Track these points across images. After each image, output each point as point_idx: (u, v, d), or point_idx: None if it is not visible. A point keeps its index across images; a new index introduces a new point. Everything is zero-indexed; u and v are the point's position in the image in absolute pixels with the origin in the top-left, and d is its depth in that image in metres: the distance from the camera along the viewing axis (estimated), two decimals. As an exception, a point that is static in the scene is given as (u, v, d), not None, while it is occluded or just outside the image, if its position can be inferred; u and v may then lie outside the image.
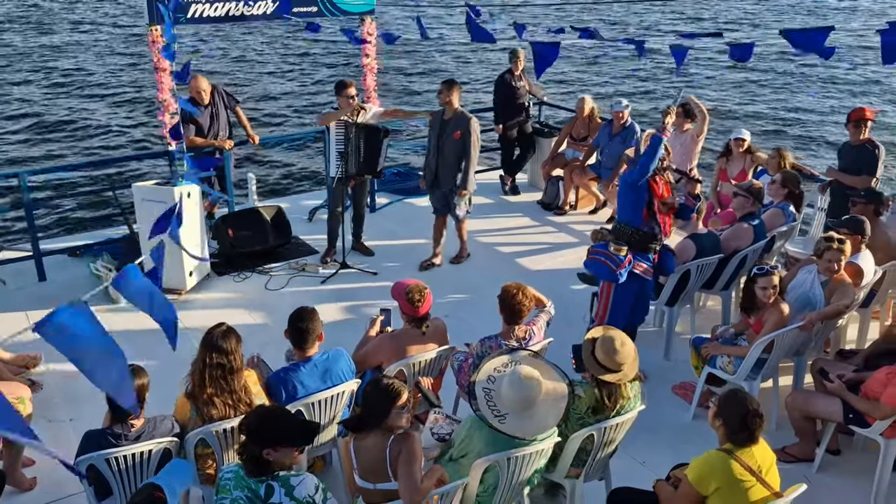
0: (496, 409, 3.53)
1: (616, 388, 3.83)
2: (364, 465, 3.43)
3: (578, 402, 3.84)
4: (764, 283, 4.86)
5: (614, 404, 3.83)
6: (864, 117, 6.35)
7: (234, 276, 7.10)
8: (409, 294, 4.33)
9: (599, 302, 5.38)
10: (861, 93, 18.90)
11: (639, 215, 5.11)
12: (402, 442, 3.38)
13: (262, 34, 25.41)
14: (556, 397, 3.60)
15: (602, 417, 3.84)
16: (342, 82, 7.05)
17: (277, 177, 13.40)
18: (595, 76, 21.00)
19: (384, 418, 3.40)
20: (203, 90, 7.44)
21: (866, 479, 4.46)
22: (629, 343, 3.88)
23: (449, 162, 6.94)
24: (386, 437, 3.40)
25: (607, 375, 3.80)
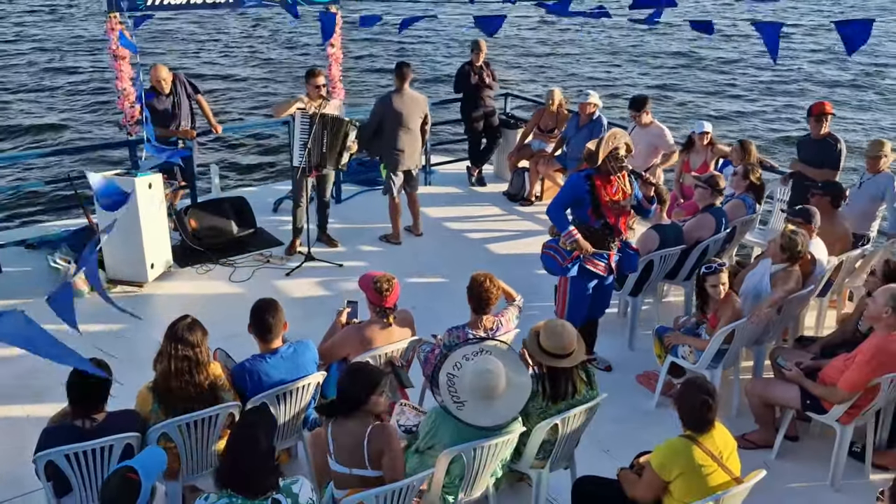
0: (456, 395, 3.56)
1: (569, 374, 3.86)
2: (341, 449, 3.43)
3: (536, 397, 3.87)
4: (713, 281, 4.96)
5: (572, 391, 3.87)
6: (825, 111, 6.48)
7: (197, 268, 7.00)
8: (376, 284, 4.32)
9: (558, 296, 5.43)
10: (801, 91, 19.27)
11: (584, 214, 5.13)
12: (381, 434, 3.41)
13: (225, 22, 25.03)
14: (518, 391, 3.63)
15: (564, 406, 3.87)
16: (312, 70, 7.00)
17: (241, 167, 13.24)
18: (567, 66, 21.09)
19: (363, 404, 3.40)
20: (164, 79, 7.31)
21: (823, 464, 4.57)
22: (569, 326, 3.95)
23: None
24: (364, 422, 3.42)
25: (559, 361, 3.84)
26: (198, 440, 3.78)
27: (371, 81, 18.81)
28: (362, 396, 3.41)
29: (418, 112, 7.25)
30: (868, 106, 17.90)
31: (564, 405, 3.88)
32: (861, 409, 4.38)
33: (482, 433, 3.54)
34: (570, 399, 3.88)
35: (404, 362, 4.53)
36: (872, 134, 14.89)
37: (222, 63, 20.48)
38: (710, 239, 5.95)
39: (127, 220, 6.29)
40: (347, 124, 6.80)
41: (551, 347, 3.85)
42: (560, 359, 3.84)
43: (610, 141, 5.03)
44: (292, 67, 19.75)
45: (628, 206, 5.22)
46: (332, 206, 7.71)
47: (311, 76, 6.91)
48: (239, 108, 16.71)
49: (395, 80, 7.28)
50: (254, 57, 21.27)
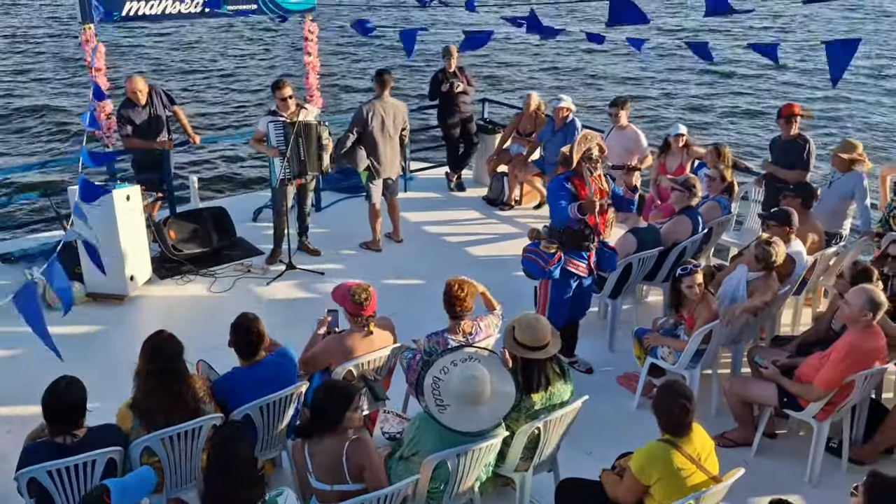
0: (440, 399, 3.61)
1: (542, 366, 3.92)
2: (320, 468, 3.44)
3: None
4: (689, 283, 5.04)
5: (545, 382, 3.93)
6: (794, 113, 6.59)
7: (178, 279, 6.97)
8: (353, 296, 4.33)
9: (538, 298, 5.48)
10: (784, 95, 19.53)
11: (565, 214, 5.19)
12: (359, 449, 3.43)
13: (202, 31, 24.89)
14: (502, 400, 3.68)
15: (539, 400, 3.91)
16: (277, 82, 6.97)
17: (220, 177, 13.18)
18: (547, 73, 21.20)
19: (339, 422, 3.42)
20: (139, 90, 7.28)
21: (801, 460, 4.66)
22: (543, 319, 4.02)
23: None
24: (342, 439, 3.43)
25: (533, 353, 3.90)
26: (181, 453, 3.78)
27: (350, 90, 18.81)
28: (338, 414, 3.43)
29: (398, 119, 7.28)
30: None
31: (539, 400, 3.93)
32: (837, 406, 4.47)
33: (464, 438, 3.57)
34: (543, 391, 3.93)
35: (386, 371, 4.55)
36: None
37: (198, 73, 20.36)
38: (688, 240, 6.03)
39: (105, 233, 6.26)
40: (317, 126, 6.82)
41: (525, 340, 3.92)
42: (534, 351, 3.91)
43: (582, 143, 5.11)
44: (271, 78, 19.69)
45: (606, 205, 5.30)
46: (312, 215, 7.71)
47: (276, 88, 6.86)
48: (217, 118, 16.64)
49: (375, 87, 7.30)
50: (231, 66, 21.17)
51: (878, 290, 4.43)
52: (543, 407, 3.95)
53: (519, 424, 3.90)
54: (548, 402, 3.96)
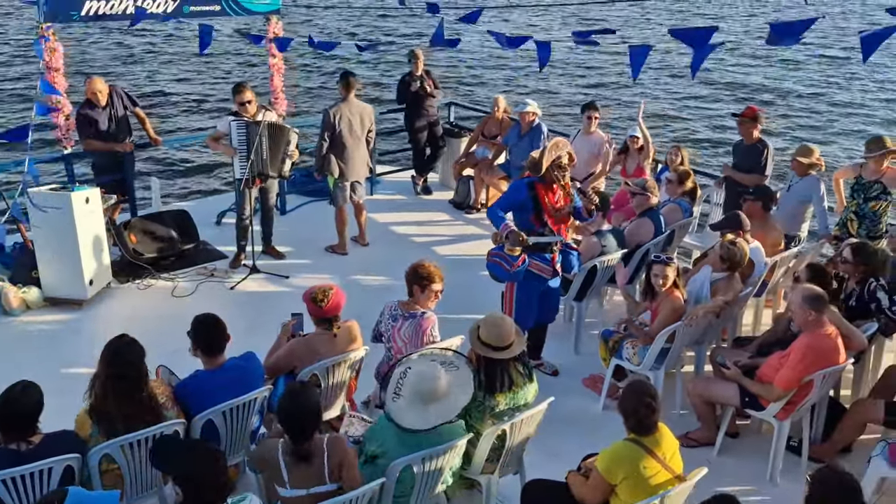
0: (399, 389, 3.64)
1: (506, 367, 3.93)
2: (299, 474, 3.38)
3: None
4: (657, 271, 5.10)
5: (508, 383, 3.93)
6: (755, 117, 6.72)
7: (138, 283, 6.85)
8: (312, 296, 4.32)
9: (504, 301, 5.49)
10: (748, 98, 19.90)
11: (527, 220, 5.22)
12: (338, 444, 3.44)
13: (162, 32, 24.56)
14: (449, 406, 3.67)
15: (504, 400, 3.92)
16: (238, 86, 6.91)
17: (183, 180, 13.00)
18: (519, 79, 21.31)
19: (319, 424, 3.42)
20: (99, 91, 7.14)
21: (762, 459, 4.73)
22: (508, 319, 4.05)
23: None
24: (318, 440, 3.41)
25: (496, 353, 3.91)
26: (141, 460, 3.70)
27: (315, 92, 18.70)
28: (315, 414, 3.40)
29: (365, 121, 7.25)
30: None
31: (504, 400, 3.93)
32: (796, 405, 4.55)
33: (421, 437, 3.57)
34: (507, 391, 3.94)
35: (353, 372, 4.53)
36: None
37: (161, 75, 20.08)
38: (650, 242, 6.10)
39: (63, 236, 6.14)
40: (289, 132, 6.77)
41: (489, 339, 3.93)
42: (497, 350, 3.92)
43: (553, 150, 5.13)
44: (234, 79, 19.50)
45: (568, 212, 5.35)
46: (277, 218, 7.64)
47: (237, 92, 6.79)
48: (178, 120, 16.41)
49: (340, 90, 7.26)
50: (194, 68, 20.91)
51: (814, 287, 4.52)
52: (508, 407, 3.95)
53: (484, 425, 3.91)
54: (512, 403, 3.97)
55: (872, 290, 5.03)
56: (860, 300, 5.08)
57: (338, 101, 7.25)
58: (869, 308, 5.05)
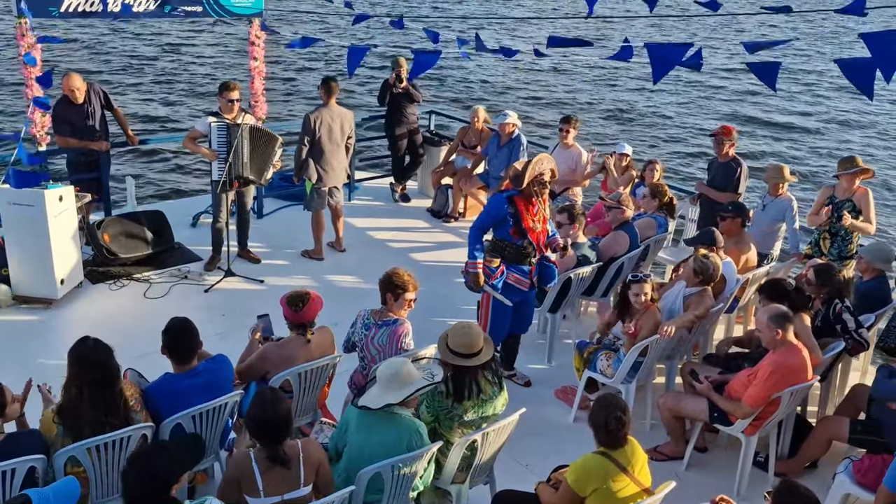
0: (372, 382, 3.78)
1: (473, 375, 3.95)
2: (274, 481, 3.35)
3: (440, 397, 3.98)
4: (636, 290, 5.14)
5: (476, 391, 3.95)
6: (728, 136, 6.81)
7: (110, 284, 6.77)
8: (289, 300, 4.31)
9: (480, 312, 5.49)
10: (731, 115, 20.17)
11: (506, 232, 5.25)
12: (312, 446, 3.44)
13: (143, 32, 24.36)
14: (412, 383, 3.72)
15: (471, 407, 3.94)
16: (226, 84, 6.89)
17: (159, 180, 12.89)
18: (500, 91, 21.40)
19: (290, 430, 3.40)
20: (77, 88, 7.07)
21: (730, 474, 4.78)
22: (476, 327, 4.08)
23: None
24: (292, 445, 3.40)
25: (464, 361, 3.93)
26: (108, 464, 3.65)
27: (293, 97, 18.65)
28: (286, 420, 3.38)
29: (346, 127, 7.25)
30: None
31: (471, 407, 3.94)
32: (764, 421, 4.61)
33: (376, 415, 3.62)
34: (475, 398, 3.95)
35: (325, 380, 4.51)
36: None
37: (139, 74, 19.91)
38: (625, 256, 6.16)
39: (35, 234, 6.05)
40: (277, 143, 6.76)
41: (457, 346, 3.96)
42: (465, 358, 3.94)
43: (536, 165, 5.14)
44: (213, 81, 19.39)
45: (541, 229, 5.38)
46: (253, 222, 7.60)
47: (225, 89, 6.79)
48: (158, 120, 16.27)
49: (321, 95, 7.25)
50: (174, 68, 20.76)
51: (778, 306, 4.57)
52: (477, 416, 3.97)
53: (453, 434, 3.92)
54: (480, 412, 3.98)
55: (838, 312, 5.11)
56: (825, 320, 5.16)
57: (318, 106, 7.24)
58: (834, 328, 5.13)
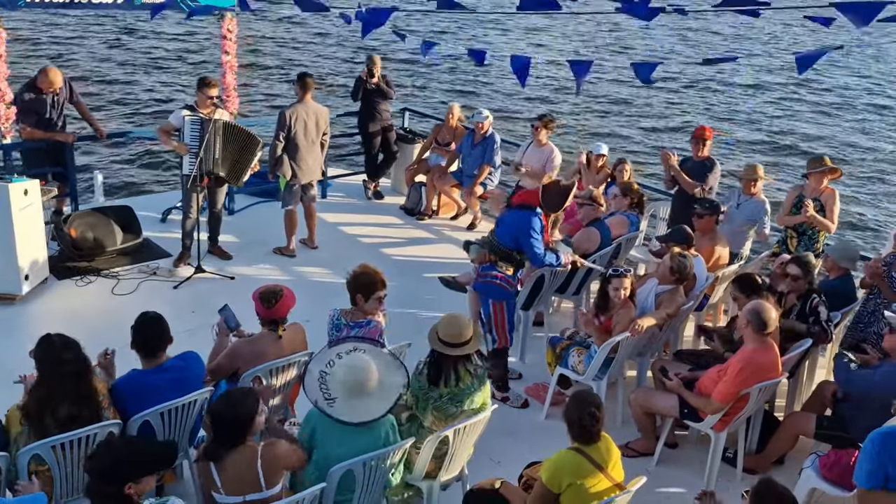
0: (328, 392, 3.64)
1: (453, 363, 3.99)
2: (231, 481, 3.31)
3: (420, 377, 4.03)
4: (616, 284, 5.18)
5: (455, 379, 3.99)
6: (705, 137, 6.92)
7: (77, 280, 6.65)
8: (262, 296, 4.27)
9: (496, 323, 5.42)
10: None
11: (554, 260, 5.43)
12: (274, 450, 3.38)
13: (110, 25, 23.98)
14: (389, 390, 3.71)
15: (447, 394, 3.98)
16: (205, 79, 6.82)
17: (128, 174, 12.70)
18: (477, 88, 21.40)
19: (247, 433, 3.33)
20: (55, 83, 6.97)
21: (699, 469, 4.83)
22: (465, 319, 4.13)
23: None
24: (251, 446, 3.35)
25: (448, 350, 3.99)
26: (73, 462, 3.58)
27: (265, 92, 18.50)
28: (245, 422, 3.34)
29: (321, 123, 7.20)
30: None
31: (447, 393, 3.98)
32: (733, 417, 4.67)
33: (342, 425, 3.58)
34: (452, 387, 3.98)
35: (296, 377, 4.47)
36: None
37: (111, 66, 19.60)
38: (597, 255, 6.20)
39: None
40: (258, 146, 6.68)
41: (445, 335, 4.00)
42: (452, 347, 3.98)
43: (573, 194, 5.52)
44: (183, 73, 19.16)
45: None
46: (224, 218, 7.51)
47: (205, 86, 6.72)
48: (127, 113, 16.03)
49: (297, 91, 7.18)
50: (143, 61, 20.47)
51: (769, 305, 4.64)
52: (453, 406, 4.00)
53: (426, 416, 3.97)
54: (456, 401, 4.00)
55: (815, 305, 5.20)
56: (801, 315, 5.24)
57: (294, 102, 7.18)
58: (807, 323, 5.20)
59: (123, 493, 2.93)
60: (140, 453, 3.08)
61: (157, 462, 3.10)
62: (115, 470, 2.93)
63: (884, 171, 16.28)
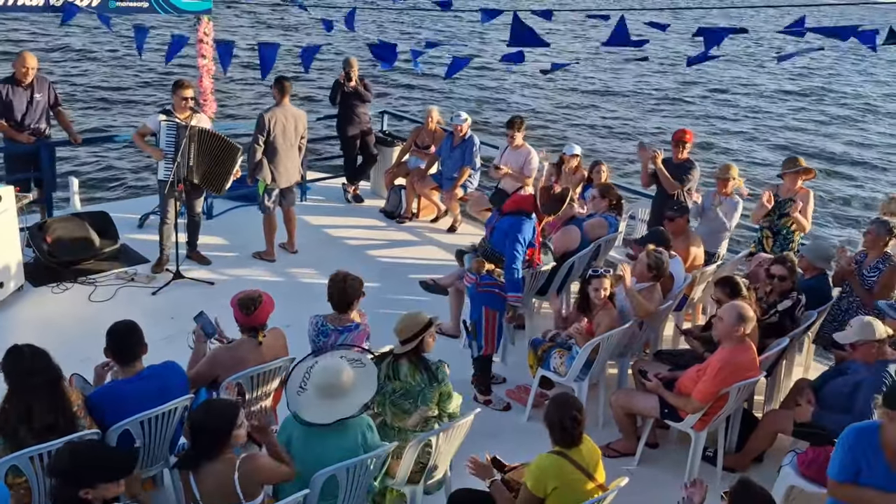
0: (304, 382, 3.72)
1: (395, 359, 4.14)
2: (211, 495, 3.29)
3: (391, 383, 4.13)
4: (596, 285, 5.21)
5: (395, 375, 4.14)
6: (684, 140, 6.99)
7: (53, 287, 6.56)
8: (241, 302, 4.24)
9: (487, 330, 5.44)
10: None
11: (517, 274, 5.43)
12: (251, 464, 3.33)
13: (84, 29, 23.73)
14: (357, 394, 3.73)
15: (399, 387, 4.11)
16: (180, 81, 6.76)
17: (104, 179, 12.57)
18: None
19: (226, 443, 3.30)
20: (30, 67, 6.87)
21: (680, 469, 4.86)
22: (417, 317, 4.21)
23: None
24: (230, 459, 3.31)
25: (399, 347, 4.15)
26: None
27: (241, 95, 18.40)
28: (222, 436, 3.30)
29: (299, 127, 7.17)
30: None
31: (401, 388, 4.11)
32: (713, 417, 4.71)
33: (329, 435, 3.59)
34: (404, 381, 4.11)
35: (278, 384, 4.44)
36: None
37: (85, 70, 19.39)
38: (576, 256, 6.23)
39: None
40: (237, 153, 6.63)
41: (395, 330, 4.17)
42: (400, 344, 4.15)
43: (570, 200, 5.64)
44: (159, 76, 18.99)
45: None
46: (203, 222, 7.46)
47: (179, 87, 6.67)
48: (102, 117, 15.87)
49: (275, 94, 7.15)
50: (118, 65, 20.27)
51: (747, 305, 4.70)
52: (403, 396, 4.13)
53: (386, 411, 4.13)
54: (405, 393, 4.14)
55: (794, 304, 5.27)
56: (785, 314, 5.30)
57: (272, 105, 7.14)
58: (785, 324, 5.27)
59: (80, 498, 2.91)
60: (98, 459, 3.07)
61: (114, 469, 3.06)
62: (74, 473, 2.93)
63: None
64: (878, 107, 22.82)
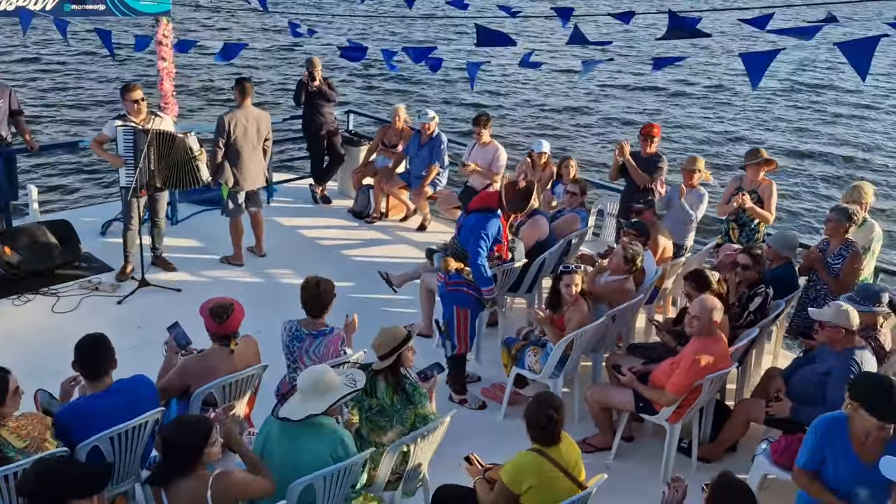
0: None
1: (372, 375, 4.05)
2: None
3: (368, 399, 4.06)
4: (567, 281, 5.22)
5: (372, 392, 4.06)
6: (652, 134, 7.04)
7: (14, 298, 6.39)
8: (212, 311, 4.16)
9: (459, 330, 5.43)
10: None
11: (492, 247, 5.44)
12: (223, 480, 3.26)
13: (40, 32, 23.17)
14: (321, 402, 3.65)
15: (375, 404, 4.05)
16: (126, 85, 6.62)
17: (64, 187, 12.29)
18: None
19: (198, 459, 3.24)
20: None
21: (656, 461, 4.90)
22: (395, 332, 4.13)
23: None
24: (202, 476, 3.24)
25: (380, 362, 4.06)
26: (11, 492, 3.43)
27: (204, 96, 18.13)
28: (195, 452, 3.23)
29: (262, 128, 7.06)
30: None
31: (377, 404, 4.04)
32: (687, 409, 4.75)
33: (301, 432, 3.55)
34: (380, 399, 4.04)
35: (250, 391, 4.38)
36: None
37: (42, 75, 18.94)
38: (546, 253, 6.24)
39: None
40: (182, 140, 6.47)
41: (374, 345, 4.07)
42: (378, 359, 4.05)
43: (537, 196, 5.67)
44: (121, 82, 18.62)
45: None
46: (167, 228, 7.32)
47: (127, 91, 6.52)
48: (62, 124, 15.51)
49: (236, 96, 7.05)
50: (79, 69, 19.83)
51: (713, 298, 4.75)
52: (378, 413, 4.06)
53: (363, 425, 4.08)
54: (381, 411, 4.06)
55: (763, 294, 5.34)
56: (754, 312, 5.37)
57: (233, 107, 7.04)
58: (756, 316, 5.33)
59: None
60: (68, 474, 2.98)
61: (86, 484, 2.98)
62: (44, 490, 2.86)
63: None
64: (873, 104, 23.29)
